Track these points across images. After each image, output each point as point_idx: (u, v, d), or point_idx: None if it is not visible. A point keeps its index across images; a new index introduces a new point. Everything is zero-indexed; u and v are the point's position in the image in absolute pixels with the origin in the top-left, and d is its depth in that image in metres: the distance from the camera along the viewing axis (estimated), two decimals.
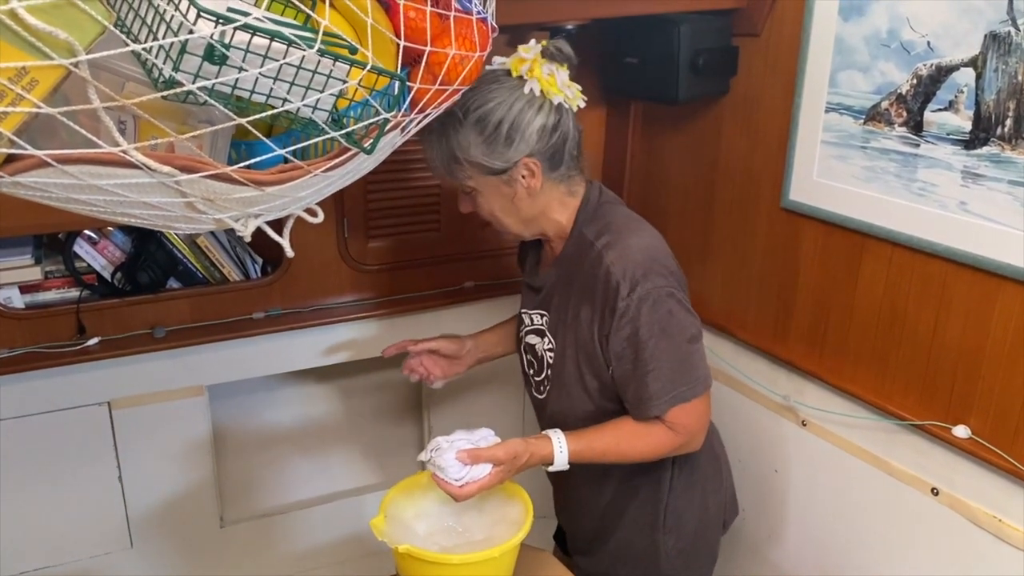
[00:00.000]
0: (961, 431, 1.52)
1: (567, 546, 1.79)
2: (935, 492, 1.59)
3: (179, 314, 1.91)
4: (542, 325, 1.55)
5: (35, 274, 1.79)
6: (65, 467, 1.89)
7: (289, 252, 1.03)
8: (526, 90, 1.35)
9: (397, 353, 1.78)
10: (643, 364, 1.38)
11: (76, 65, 0.68)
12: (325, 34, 0.78)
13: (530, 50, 1.36)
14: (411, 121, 0.98)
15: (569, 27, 1.85)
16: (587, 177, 1.51)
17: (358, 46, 0.83)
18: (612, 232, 1.43)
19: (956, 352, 1.52)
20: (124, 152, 0.73)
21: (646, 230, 1.46)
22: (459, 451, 1.34)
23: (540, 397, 1.60)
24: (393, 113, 0.90)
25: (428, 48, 0.93)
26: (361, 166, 0.98)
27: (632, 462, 1.49)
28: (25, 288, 1.79)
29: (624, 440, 1.44)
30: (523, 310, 1.61)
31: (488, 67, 1.39)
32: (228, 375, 2.00)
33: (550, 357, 1.53)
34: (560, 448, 1.39)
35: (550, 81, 1.36)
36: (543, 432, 1.43)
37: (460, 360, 1.77)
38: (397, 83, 0.89)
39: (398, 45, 0.91)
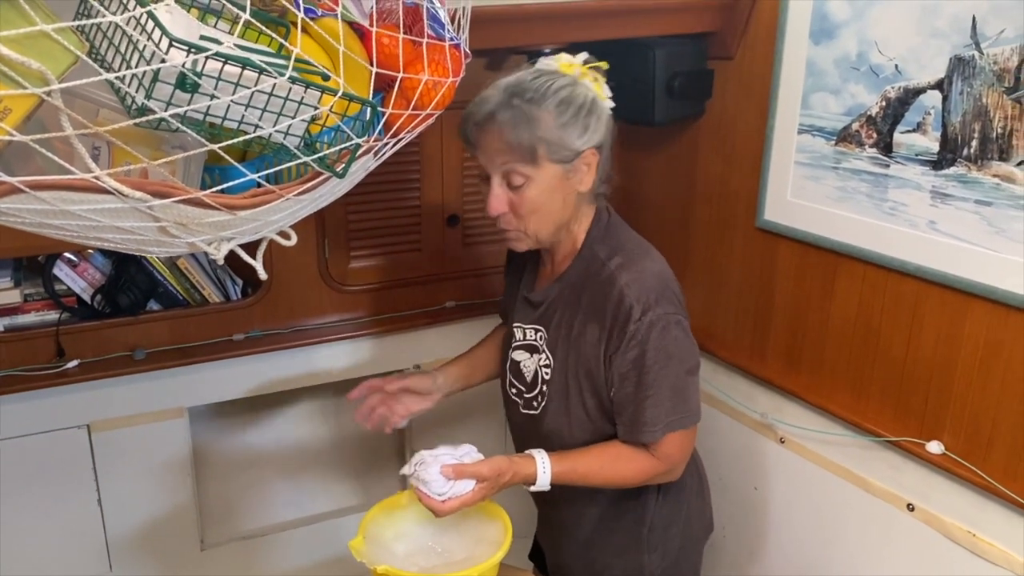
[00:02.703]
0: (935, 447, 1.53)
1: (544, 564, 1.78)
2: (911, 508, 1.60)
3: (159, 336, 1.91)
4: (536, 340, 1.53)
5: (14, 297, 1.79)
6: (44, 491, 1.87)
7: (262, 274, 1.03)
8: (588, 84, 1.38)
9: (364, 395, 1.66)
10: (644, 389, 1.38)
11: (49, 94, 0.69)
12: (297, 61, 0.79)
13: (575, 57, 1.40)
14: (384, 145, 1.00)
15: (546, 51, 1.87)
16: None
17: (331, 73, 0.84)
18: (624, 254, 1.43)
19: (928, 369, 1.54)
20: (97, 178, 0.74)
21: (656, 255, 1.47)
22: (444, 466, 1.34)
23: (531, 413, 1.56)
24: (365, 138, 0.91)
25: (401, 74, 0.95)
26: (334, 189, 1.00)
27: (613, 487, 1.49)
28: (4, 311, 1.78)
29: (608, 464, 1.44)
30: (516, 324, 1.57)
31: (537, 66, 1.41)
32: (208, 397, 1.99)
33: (546, 373, 1.51)
34: (543, 468, 1.39)
35: (599, 84, 1.40)
36: (527, 451, 1.43)
37: (430, 396, 1.68)
38: (369, 109, 0.90)
39: (371, 71, 0.92)
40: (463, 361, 1.76)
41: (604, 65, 1.43)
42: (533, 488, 1.41)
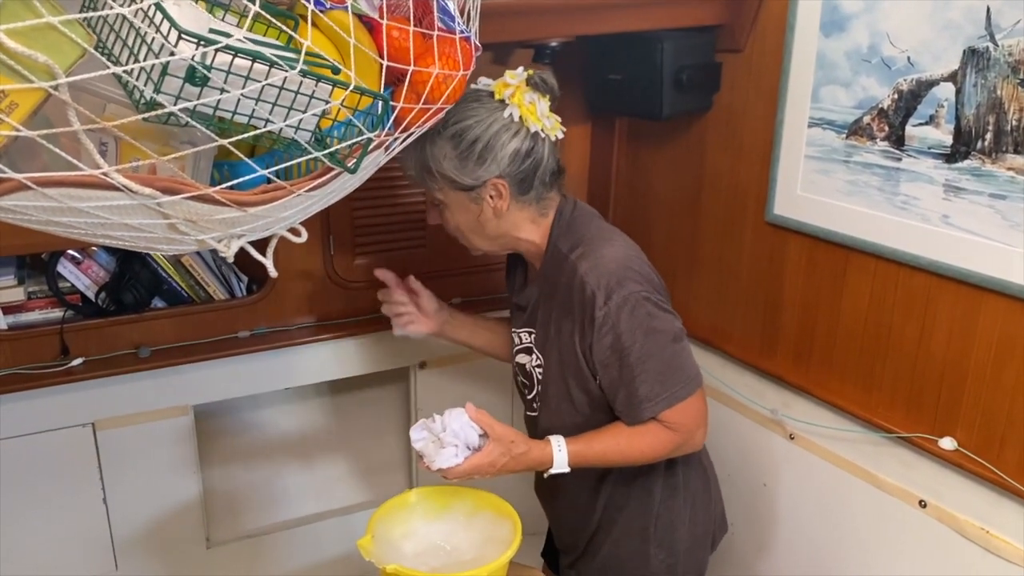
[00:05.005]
0: (947, 443, 1.52)
1: (556, 562, 1.78)
2: (923, 504, 1.59)
3: (164, 333, 1.90)
4: (530, 343, 1.55)
5: (18, 295, 1.77)
6: (49, 489, 1.86)
7: (272, 272, 1.02)
8: (505, 114, 1.38)
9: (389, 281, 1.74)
10: (629, 369, 1.39)
11: (55, 88, 0.67)
12: (307, 54, 0.78)
13: (516, 76, 1.38)
14: (395, 140, 0.98)
15: (553, 44, 1.86)
16: (562, 194, 1.52)
17: (341, 66, 0.82)
18: (585, 244, 1.44)
19: (941, 364, 1.53)
20: (105, 174, 0.72)
21: (619, 240, 1.47)
22: (468, 407, 1.36)
23: (533, 415, 1.59)
24: (376, 132, 0.90)
25: (412, 67, 0.93)
26: (345, 185, 0.98)
27: (634, 463, 1.49)
28: (8, 309, 1.77)
29: (624, 440, 1.44)
30: (513, 330, 1.61)
31: (473, 86, 1.41)
32: (213, 394, 1.98)
33: (539, 373, 1.53)
34: (559, 447, 1.40)
35: (530, 109, 1.39)
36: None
37: (430, 319, 1.73)
38: (380, 103, 0.89)
39: (381, 65, 0.91)
40: (472, 317, 1.79)
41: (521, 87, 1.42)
42: (553, 470, 1.41)
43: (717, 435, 1.97)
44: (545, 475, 1.43)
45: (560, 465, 1.40)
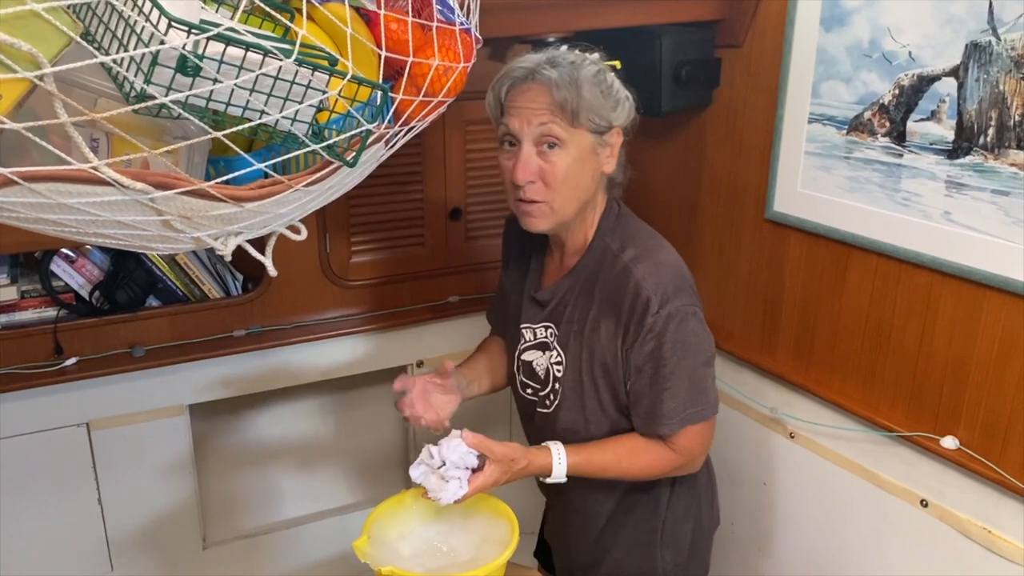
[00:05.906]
0: (949, 442, 1.51)
1: (549, 562, 1.76)
2: (924, 504, 1.58)
3: (158, 333, 1.88)
4: (547, 338, 1.51)
5: (11, 294, 1.76)
6: (43, 490, 1.85)
7: (272, 271, 1.00)
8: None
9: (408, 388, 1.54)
10: (661, 381, 1.37)
11: (41, 78, 0.66)
12: (303, 44, 0.76)
13: (589, 55, 1.41)
14: (396, 134, 0.96)
15: (551, 40, 1.84)
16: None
17: (338, 56, 0.81)
18: (637, 245, 1.41)
19: (943, 363, 1.51)
20: (95, 168, 0.71)
21: (669, 247, 1.45)
22: (465, 434, 1.32)
23: (545, 411, 1.54)
24: (376, 124, 0.88)
25: (411, 59, 0.92)
26: (345, 180, 0.96)
27: (630, 479, 1.47)
28: (1, 308, 1.76)
29: (624, 457, 1.42)
30: (524, 325, 1.55)
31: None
32: (209, 394, 1.97)
33: (558, 370, 1.49)
34: (559, 459, 1.38)
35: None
36: (543, 444, 1.41)
37: (456, 394, 1.57)
38: (379, 93, 0.87)
39: (380, 56, 0.89)
40: (473, 368, 1.66)
41: (617, 64, 1.44)
42: (549, 479, 1.39)
43: (717, 434, 1.94)
44: (542, 479, 1.41)
45: (558, 475, 1.38)
